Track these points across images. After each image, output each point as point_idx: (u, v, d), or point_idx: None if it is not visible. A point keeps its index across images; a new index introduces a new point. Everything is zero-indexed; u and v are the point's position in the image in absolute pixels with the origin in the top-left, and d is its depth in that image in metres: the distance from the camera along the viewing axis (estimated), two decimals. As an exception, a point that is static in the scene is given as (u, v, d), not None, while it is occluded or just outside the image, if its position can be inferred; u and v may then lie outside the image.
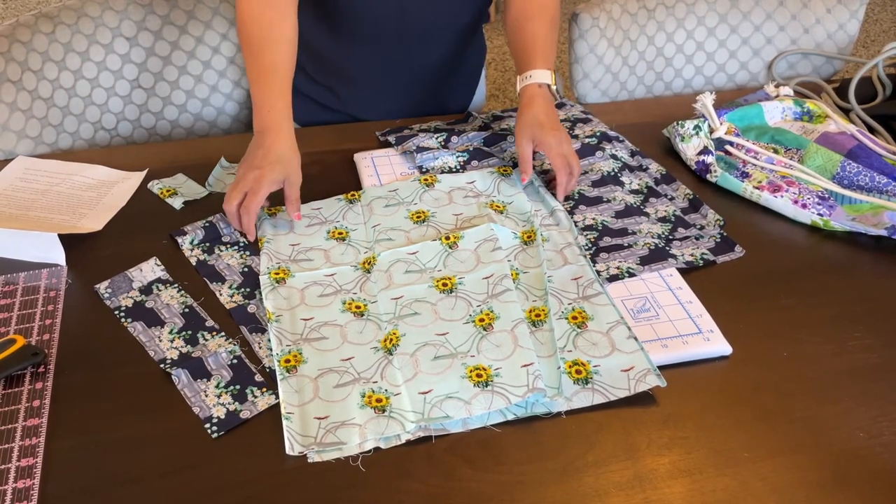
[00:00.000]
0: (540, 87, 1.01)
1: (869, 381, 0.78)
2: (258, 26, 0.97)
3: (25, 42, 1.11)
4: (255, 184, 0.89)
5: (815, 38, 1.36)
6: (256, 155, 0.91)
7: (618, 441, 0.71)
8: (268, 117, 0.93)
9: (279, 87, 0.95)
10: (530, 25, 1.06)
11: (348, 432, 0.71)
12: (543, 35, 1.05)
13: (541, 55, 1.03)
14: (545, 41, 1.05)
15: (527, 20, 1.07)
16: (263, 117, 0.94)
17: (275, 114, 0.94)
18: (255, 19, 0.97)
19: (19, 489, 0.66)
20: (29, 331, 0.81)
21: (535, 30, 1.06)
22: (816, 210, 0.98)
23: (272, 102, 0.94)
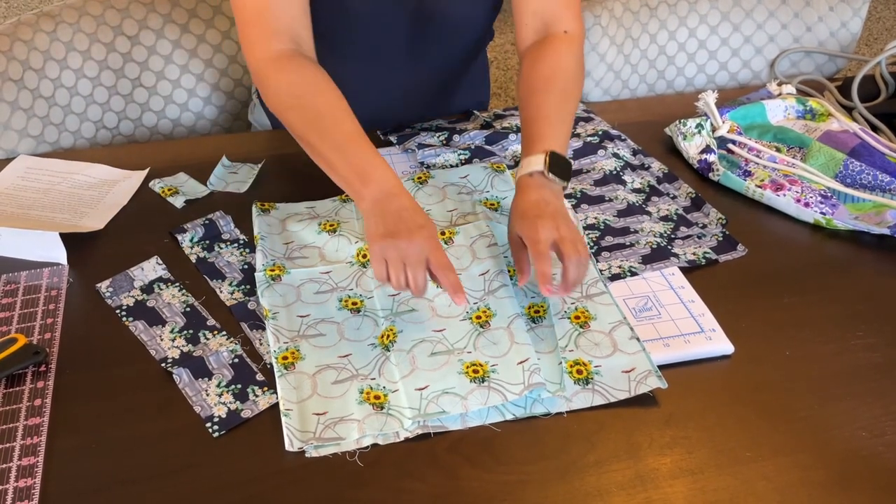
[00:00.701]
0: (532, 177, 0.84)
1: (871, 381, 0.78)
2: (316, 95, 0.86)
3: (27, 41, 1.11)
4: (429, 242, 0.77)
5: (818, 36, 1.36)
6: (405, 217, 0.78)
7: (619, 440, 0.71)
8: (386, 179, 0.81)
9: (373, 148, 0.84)
10: (535, 99, 0.92)
11: (347, 428, 0.71)
12: (547, 111, 0.90)
13: (541, 138, 0.87)
14: (548, 118, 0.89)
15: (532, 93, 0.92)
16: (381, 181, 0.80)
17: (390, 174, 0.81)
18: (308, 90, 0.86)
19: (20, 488, 0.66)
20: (30, 330, 0.81)
21: (539, 105, 0.91)
22: (819, 209, 0.97)
23: (381, 164, 0.82)
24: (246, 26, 0.89)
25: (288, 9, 0.89)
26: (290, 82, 0.87)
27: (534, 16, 0.98)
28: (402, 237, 0.76)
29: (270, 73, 0.87)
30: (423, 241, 0.76)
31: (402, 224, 0.77)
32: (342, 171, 0.82)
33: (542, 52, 0.95)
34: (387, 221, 0.78)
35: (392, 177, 0.81)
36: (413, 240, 0.76)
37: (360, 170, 0.81)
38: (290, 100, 0.86)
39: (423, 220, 0.78)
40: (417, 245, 0.76)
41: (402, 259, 0.76)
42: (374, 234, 0.78)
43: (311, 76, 0.88)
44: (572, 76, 0.94)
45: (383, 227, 0.77)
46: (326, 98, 0.86)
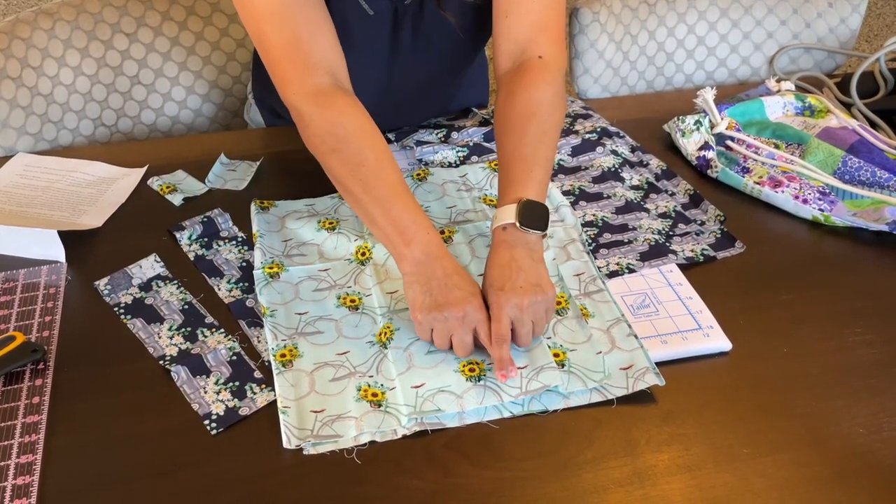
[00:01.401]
0: (505, 230, 0.79)
1: (869, 377, 0.78)
2: (360, 139, 0.81)
3: (25, 38, 1.11)
4: (482, 313, 0.74)
5: (817, 33, 1.35)
6: (450, 284, 0.75)
7: (617, 437, 0.71)
8: (429, 241, 0.77)
9: (416, 204, 0.80)
10: (509, 143, 0.85)
11: (344, 425, 0.71)
12: (522, 156, 0.83)
13: (514, 184, 0.81)
14: (522, 163, 0.82)
15: (505, 135, 0.86)
16: (424, 243, 0.76)
17: (434, 234, 0.78)
18: (352, 134, 0.81)
19: (19, 486, 0.66)
20: (28, 327, 0.81)
21: (513, 149, 0.84)
22: (817, 205, 0.97)
23: (425, 223, 0.78)
24: (278, 63, 0.83)
25: (319, 38, 0.83)
26: (333, 122, 0.82)
27: (507, 37, 0.90)
28: (449, 309, 0.73)
29: (311, 110, 0.82)
30: (471, 312, 0.74)
31: (450, 294, 0.74)
32: (384, 226, 0.78)
33: (516, 85, 0.88)
34: (432, 290, 0.75)
35: (435, 236, 0.78)
36: (461, 312, 0.73)
37: (403, 228, 0.77)
38: (333, 142, 0.81)
39: (469, 286, 0.76)
40: (466, 318, 0.74)
41: (450, 332, 0.74)
42: (421, 305, 0.75)
43: (354, 117, 0.83)
44: (549, 111, 0.86)
45: (429, 297, 0.74)
46: (371, 143, 0.82)
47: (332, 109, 0.83)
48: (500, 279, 0.76)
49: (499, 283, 0.76)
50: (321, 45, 0.84)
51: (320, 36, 0.84)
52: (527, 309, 0.75)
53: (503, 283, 0.75)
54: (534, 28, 0.89)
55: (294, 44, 0.82)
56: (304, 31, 0.82)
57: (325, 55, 0.84)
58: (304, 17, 0.82)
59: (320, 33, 0.84)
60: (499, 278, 0.76)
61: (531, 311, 0.75)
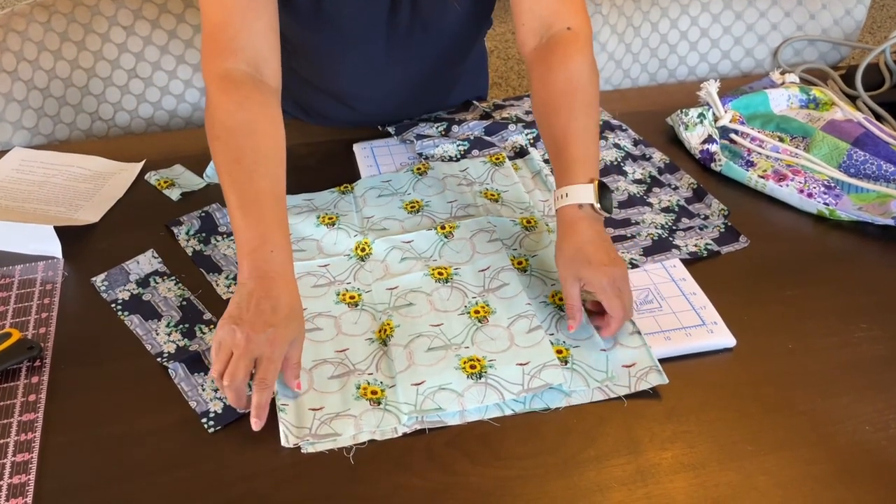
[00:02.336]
0: (581, 208, 0.79)
1: (875, 374, 0.77)
2: (245, 136, 0.78)
3: (20, 31, 1.10)
4: (270, 348, 0.69)
5: (822, 24, 1.34)
6: (262, 309, 0.70)
7: (620, 435, 0.70)
8: (271, 259, 0.73)
9: (279, 217, 0.76)
10: (559, 121, 0.84)
11: (343, 424, 0.70)
12: (576, 132, 0.83)
13: (579, 162, 0.81)
14: (580, 140, 0.83)
15: (554, 113, 0.85)
16: (265, 258, 0.73)
17: (279, 254, 0.74)
18: (240, 127, 0.78)
19: (15, 485, 0.65)
20: (25, 324, 0.80)
21: (566, 126, 0.84)
22: (822, 199, 0.96)
23: (275, 240, 0.74)
24: (206, 39, 0.82)
25: (251, 25, 0.81)
26: (227, 111, 0.79)
27: (530, 14, 0.90)
28: (243, 329, 0.69)
29: (214, 93, 0.79)
30: (261, 344, 0.69)
31: (256, 315, 0.70)
32: (238, 228, 0.75)
33: (552, 61, 0.87)
34: (243, 306, 0.70)
35: (281, 256, 0.74)
36: (254, 335, 0.69)
37: (252, 237, 0.74)
38: (219, 130, 0.78)
39: (281, 317, 0.70)
40: (249, 346, 0.68)
41: (231, 348, 0.69)
42: (226, 313, 0.71)
43: (252, 112, 0.79)
44: (589, 83, 0.86)
45: (237, 311, 0.70)
46: (256, 142, 0.78)
47: (232, 98, 0.79)
48: (597, 255, 0.77)
49: (598, 259, 0.77)
50: (251, 34, 0.81)
51: (256, 24, 0.81)
52: (619, 279, 0.77)
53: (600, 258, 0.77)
54: (556, 1, 0.89)
55: (223, 25, 0.81)
56: (237, 15, 0.81)
57: (251, 44, 0.81)
58: (244, 2, 0.81)
59: (256, 21, 0.81)
60: (595, 254, 0.77)
61: (623, 282, 0.77)
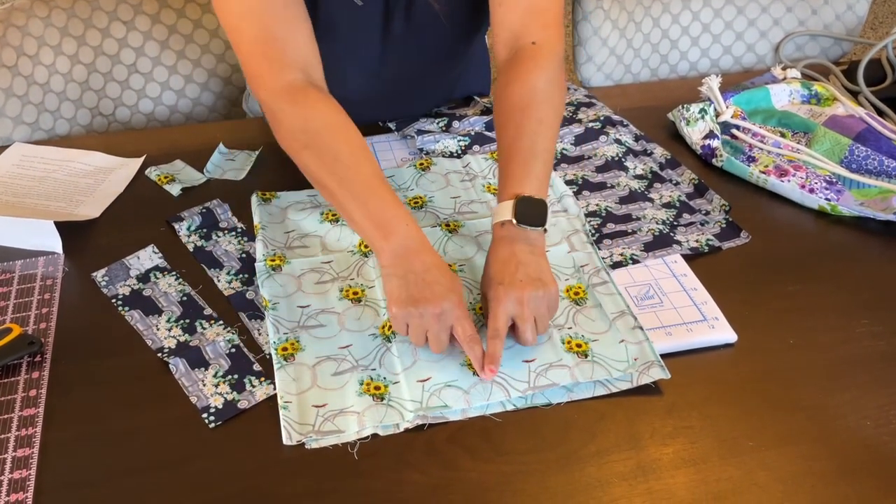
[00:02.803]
0: (503, 226, 0.78)
1: (877, 369, 0.77)
2: (333, 135, 0.79)
3: (21, 26, 1.09)
4: (458, 310, 0.72)
5: (824, 20, 1.33)
6: (429, 282, 0.72)
7: (621, 430, 0.70)
8: (408, 235, 0.74)
9: (395, 196, 0.77)
10: (507, 137, 0.83)
11: (346, 420, 0.70)
12: (519, 149, 0.81)
13: (512, 179, 0.80)
14: (519, 157, 0.81)
15: (503, 128, 0.84)
16: (403, 236, 0.74)
17: (414, 228, 0.75)
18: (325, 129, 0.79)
19: (15, 480, 0.65)
20: (25, 319, 0.80)
21: (511, 143, 0.82)
22: (824, 195, 0.96)
23: (403, 217, 0.75)
24: (251, 59, 0.82)
25: (295, 35, 0.81)
26: (306, 118, 0.80)
27: (502, 26, 0.88)
28: (426, 304, 0.71)
29: (284, 107, 0.80)
30: (449, 309, 0.71)
31: (427, 289, 0.71)
32: (361, 221, 0.76)
33: (511, 75, 0.86)
34: (409, 284, 0.72)
35: (415, 229, 0.76)
36: (438, 308, 0.71)
37: (381, 221, 0.75)
38: (306, 138, 0.79)
39: (448, 282, 0.73)
40: (443, 315, 0.71)
41: (426, 328, 0.72)
42: (397, 298, 0.72)
43: (328, 112, 0.81)
44: (544, 98, 0.84)
45: (406, 291, 0.72)
46: (346, 137, 0.79)
47: (305, 106, 0.80)
48: (500, 274, 0.75)
49: (498, 278, 0.74)
50: (296, 43, 0.82)
51: (296, 33, 0.82)
52: (527, 303, 0.73)
53: (503, 277, 0.74)
54: (526, 14, 0.87)
55: (268, 41, 0.81)
56: (278, 27, 0.81)
57: (299, 52, 0.82)
58: (280, 14, 0.80)
59: (296, 30, 0.82)
60: (499, 273, 0.75)
61: (532, 305, 0.73)
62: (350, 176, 0.77)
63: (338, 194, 0.77)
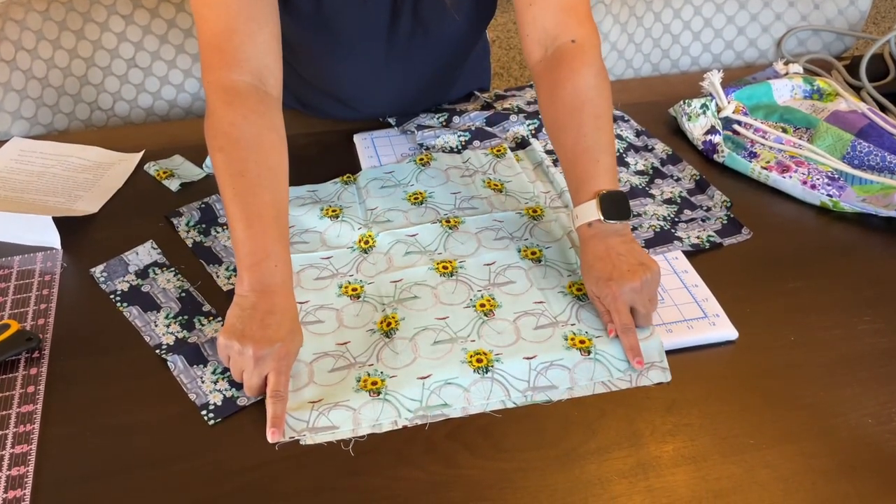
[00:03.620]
0: (591, 226, 0.80)
1: (878, 366, 0.76)
2: (249, 149, 0.77)
3: (19, 20, 1.09)
4: (279, 362, 0.71)
5: (826, 15, 1.33)
6: (267, 324, 0.71)
7: (621, 428, 0.70)
8: (274, 273, 0.74)
9: (282, 232, 0.76)
10: (568, 139, 0.84)
11: (342, 415, 0.70)
12: (584, 149, 0.82)
13: (585, 180, 0.82)
14: (588, 156, 0.82)
15: (562, 131, 0.85)
16: (269, 272, 0.73)
17: (282, 269, 0.75)
18: (244, 140, 0.77)
19: (13, 477, 0.65)
20: (23, 315, 0.80)
21: (574, 144, 0.83)
22: (826, 191, 0.96)
23: (278, 254, 0.75)
24: (206, 47, 0.80)
25: (256, 35, 0.80)
26: (231, 123, 0.78)
27: (534, 25, 0.88)
28: (250, 344, 0.69)
29: (217, 104, 0.79)
30: (268, 356, 0.70)
31: (259, 331, 0.70)
32: (238, 242, 0.75)
33: (558, 77, 0.86)
34: (246, 319, 0.71)
35: (283, 272, 0.74)
36: (260, 352, 0.69)
37: (255, 250, 0.74)
38: (223, 141, 0.78)
39: (285, 332, 0.71)
40: (261, 360, 0.70)
41: (242, 366, 0.71)
42: (228, 327, 0.71)
43: (258, 124, 0.79)
44: (597, 95, 0.85)
45: (239, 324, 0.71)
46: (260, 156, 0.78)
47: (237, 110, 0.78)
48: (607, 271, 0.77)
49: (607, 275, 0.77)
50: (254, 42, 0.80)
51: (258, 33, 0.80)
52: (642, 290, 0.76)
53: (611, 273, 0.77)
54: (560, 12, 0.87)
55: (227, 34, 0.79)
56: (241, 23, 0.79)
57: (256, 52, 0.80)
58: (246, 10, 0.79)
59: (259, 30, 0.80)
60: (605, 271, 0.77)
61: (647, 290, 0.77)
62: (246, 194, 0.76)
63: (230, 207, 0.76)
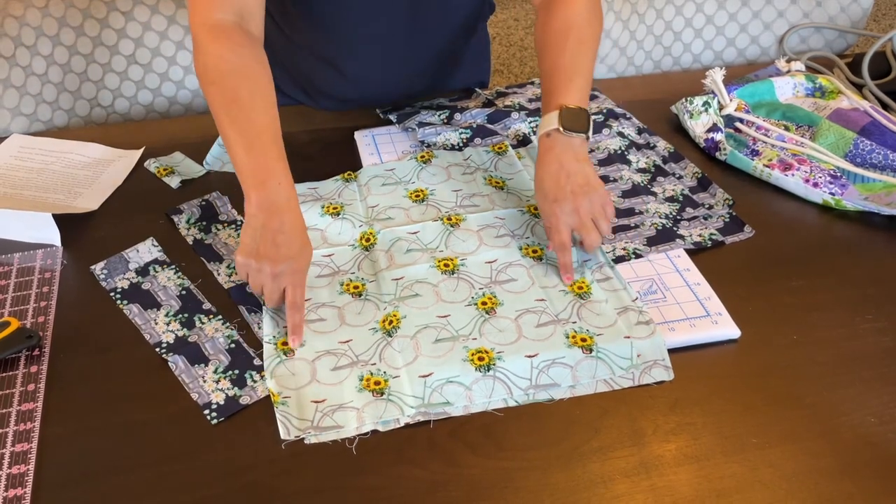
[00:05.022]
0: (549, 137, 0.84)
1: (881, 366, 0.76)
2: (240, 78, 0.81)
3: (18, 17, 1.08)
4: (293, 277, 0.76)
5: (828, 12, 1.32)
6: (278, 242, 0.76)
7: (623, 427, 0.70)
8: (279, 191, 0.77)
9: (280, 152, 0.80)
10: (549, 57, 0.90)
11: (345, 416, 0.69)
12: (561, 66, 0.88)
13: (555, 93, 0.86)
14: (563, 73, 0.87)
15: (546, 50, 0.91)
16: (274, 190, 0.77)
17: (285, 187, 0.78)
18: (234, 70, 0.81)
19: (13, 475, 0.65)
20: (23, 313, 0.79)
21: (554, 62, 0.89)
22: (828, 189, 0.95)
23: (280, 173, 0.78)
24: None
25: None
26: (220, 56, 0.81)
27: None
28: (266, 261, 0.75)
29: (204, 41, 0.82)
30: (285, 272, 0.75)
31: (273, 249, 0.75)
32: (241, 164, 0.78)
33: (553, 8, 0.92)
34: (259, 239, 0.75)
35: (287, 188, 0.78)
36: (277, 269, 0.75)
37: (258, 171, 0.78)
38: (214, 75, 0.81)
39: (297, 248, 0.77)
40: (278, 276, 0.75)
41: (262, 282, 0.76)
42: (244, 247, 0.76)
43: (244, 55, 0.82)
44: (585, 23, 0.90)
45: (254, 243, 0.75)
46: (251, 83, 0.81)
47: (224, 44, 0.82)
48: (553, 191, 0.82)
49: (552, 195, 0.82)
50: None
51: None
52: (583, 211, 0.81)
53: (555, 194, 0.81)
54: None
55: None
56: None
57: None
58: None
59: None
60: (551, 190, 0.82)
61: (588, 210, 0.81)
62: (242, 119, 0.80)
63: (228, 134, 0.79)
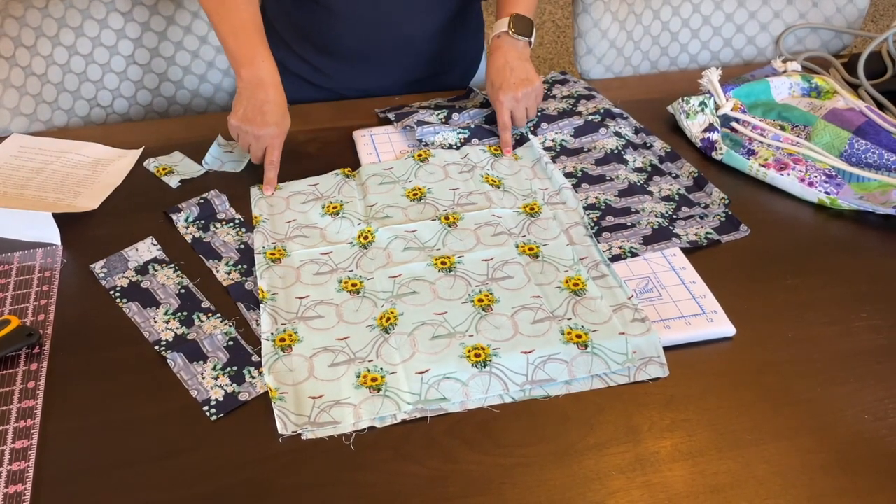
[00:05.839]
0: (499, 38, 1.02)
1: (875, 363, 0.77)
2: None
3: (18, 17, 1.09)
4: (274, 139, 0.94)
5: (824, 12, 1.33)
6: (265, 111, 0.93)
7: (619, 423, 0.70)
8: (264, 68, 0.94)
9: (263, 39, 0.96)
10: None
11: (342, 412, 0.70)
12: None
13: (508, 7, 1.04)
14: None
15: None
16: (260, 67, 0.94)
17: (269, 65, 0.95)
18: None
19: (14, 472, 0.65)
20: (24, 311, 0.80)
21: None
22: (823, 188, 0.96)
23: (263, 54, 0.95)
24: None
25: None
26: None
27: None
28: (251, 125, 0.93)
29: None
30: (266, 136, 0.94)
31: (258, 116, 0.93)
32: (231, 48, 0.95)
33: None
34: (247, 107, 0.94)
35: (270, 68, 0.95)
36: (260, 132, 0.93)
37: (246, 53, 0.95)
38: None
39: (277, 118, 0.94)
40: (260, 138, 0.94)
41: (248, 142, 0.95)
42: (235, 113, 0.95)
43: None
44: None
45: (243, 110, 0.94)
46: None
47: None
48: (499, 80, 1.00)
49: (497, 84, 1.00)
50: None
51: None
52: (521, 99, 1.00)
53: (501, 83, 1.00)
54: None
55: None
56: None
57: None
58: None
59: None
60: (497, 80, 1.00)
61: (524, 100, 1.01)
62: (230, 14, 0.95)
63: (219, 26, 0.96)
